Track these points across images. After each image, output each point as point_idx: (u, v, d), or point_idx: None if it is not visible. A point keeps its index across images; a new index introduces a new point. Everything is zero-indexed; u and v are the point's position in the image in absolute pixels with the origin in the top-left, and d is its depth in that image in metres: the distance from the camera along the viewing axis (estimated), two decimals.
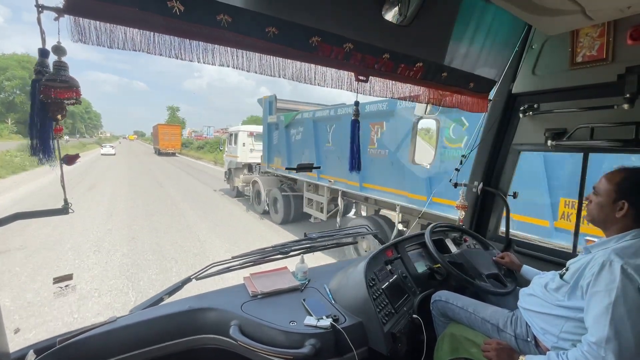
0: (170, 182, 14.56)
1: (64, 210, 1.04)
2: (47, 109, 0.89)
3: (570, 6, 1.21)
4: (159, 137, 36.15)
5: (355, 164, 1.61)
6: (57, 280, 1.22)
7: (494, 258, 1.78)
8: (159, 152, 36.73)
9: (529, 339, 1.29)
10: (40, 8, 0.81)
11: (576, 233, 1.87)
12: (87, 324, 1.23)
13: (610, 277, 1.02)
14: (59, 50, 0.87)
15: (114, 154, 31.07)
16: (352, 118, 1.57)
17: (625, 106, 1.47)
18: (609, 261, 1.04)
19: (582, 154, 1.81)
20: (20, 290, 4.03)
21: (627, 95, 1.45)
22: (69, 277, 1.24)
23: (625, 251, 1.07)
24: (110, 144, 35.38)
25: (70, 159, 0.98)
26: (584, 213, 1.63)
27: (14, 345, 1.10)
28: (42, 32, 0.85)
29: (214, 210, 9.27)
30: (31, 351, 1.06)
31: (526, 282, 1.52)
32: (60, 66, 0.87)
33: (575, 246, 1.90)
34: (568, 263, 1.27)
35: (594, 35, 1.60)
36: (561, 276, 1.23)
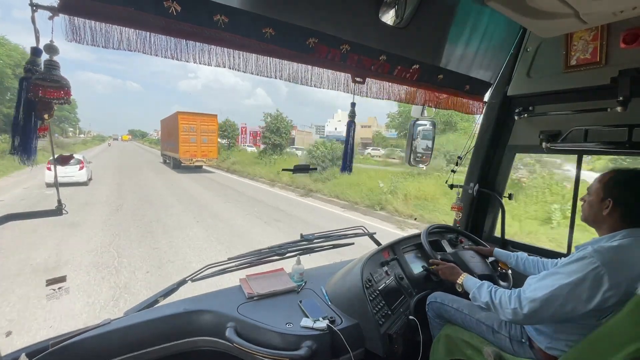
0: None
1: (58, 211, 1.03)
2: (34, 107, 0.87)
3: (564, 9, 1.22)
4: (178, 137, 18.15)
5: (347, 165, 1.63)
6: (50, 282, 1.21)
7: (465, 247, 1.86)
8: (174, 164, 19.74)
9: (523, 340, 1.29)
10: (35, 7, 0.80)
11: (570, 234, 1.89)
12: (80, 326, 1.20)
13: (580, 268, 1.06)
14: (51, 49, 0.86)
15: (86, 182, 12.19)
16: (348, 119, 1.58)
17: (619, 109, 1.48)
18: (590, 259, 1.06)
19: (576, 156, 1.83)
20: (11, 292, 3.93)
21: (620, 98, 1.47)
22: (62, 279, 1.23)
23: (610, 252, 1.07)
24: (78, 155, 12.34)
25: (64, 160, 0.97)
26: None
27: (6, 348, 1.08)
28: (37, 31, 0.84)
29: None
30: (23, 354, 1.04)
31: (520, 284, 1.53)
32: (52, 65, 0.87)
33: (569, 246, 1.92)
34: (560, 263, 1.28)
35: (588, 39, 1.62)
36: None
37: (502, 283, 1.71)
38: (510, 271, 1.80)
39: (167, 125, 22.02)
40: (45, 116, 0.89)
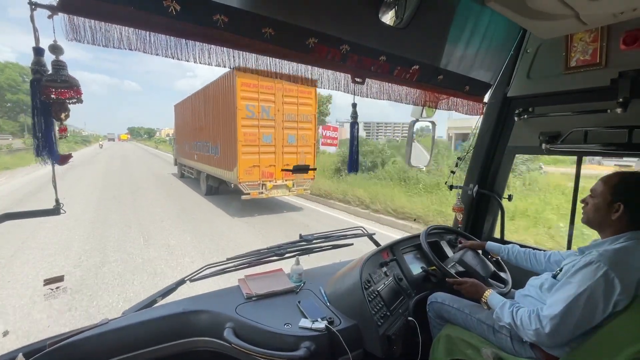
0: None
1: (56, 210, 1.03)
2: (50, 109, 0.88)
3: (565, 11, 1.22)
4: (237, 131, 6.66)
5: (353, 165, 1.62)
6: (48, 281, 1.20)
7: (459, 245, 1.89)
8: (210, 188, 9.38)
9: (524, 340, 1.29)
10: (34, 6, 0.80)
11: (570, 234, 1.89)
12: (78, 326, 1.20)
13: (589, 275, 1.06)
14: (56, 49, 0.86)
15: None
16: (351, 120, 1.57)
17: (619, 110, 1.49)
18: (597, 263, 1.06)
19: (576, 157, 1.83)
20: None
21: (620, 100, 1.47)
22: (59, 278, 1.22)
23: (616, 254, 1.08)
24: None
25: (62, 159, 0.97)
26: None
27: (3, 348, 1.07)
28: (36, 30, 0.84)
29: None
30: (20, 354, 1.04)
31: (522, 284, 1.53)
32: (59, 65, 0.86)
33: (569, 245, 1.92)
34: (562, 263, 1.28)
35: (588, 40, 1.62)
36: (554, 276, 1.24)
37: (502, 275, 1.73)
38: (499, 258, 1.85)
39: (198, 107, 10.37)
40: (62, 117, 0.90)
